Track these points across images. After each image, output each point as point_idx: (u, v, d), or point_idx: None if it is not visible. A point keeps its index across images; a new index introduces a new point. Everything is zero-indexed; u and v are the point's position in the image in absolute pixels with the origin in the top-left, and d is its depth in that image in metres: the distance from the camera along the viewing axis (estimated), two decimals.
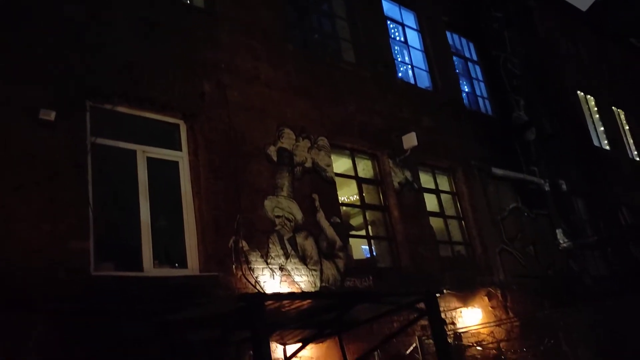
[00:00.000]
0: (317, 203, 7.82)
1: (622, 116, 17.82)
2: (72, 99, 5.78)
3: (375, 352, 6.66)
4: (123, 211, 6.15)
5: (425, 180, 10.11)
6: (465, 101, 12.03)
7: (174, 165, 6.68)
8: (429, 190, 10.05)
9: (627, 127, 17.74)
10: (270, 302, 4.34)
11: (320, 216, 7.80)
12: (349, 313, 5.59)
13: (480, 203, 10.68)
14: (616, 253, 13.34)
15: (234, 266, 6.42)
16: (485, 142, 11.55)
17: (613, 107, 17.38)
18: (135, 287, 5.46)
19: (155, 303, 5.31)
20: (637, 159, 17.40)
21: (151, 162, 6.39)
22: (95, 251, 5.46)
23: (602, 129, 16.22)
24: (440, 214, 10.12)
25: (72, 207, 5.38)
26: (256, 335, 4.10)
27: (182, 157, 6.74)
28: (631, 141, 17.58)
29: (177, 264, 6.33)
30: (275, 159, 7.54)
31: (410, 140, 9.39)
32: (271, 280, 6.75)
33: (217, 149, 6.92)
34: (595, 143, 15.45)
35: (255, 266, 6.65)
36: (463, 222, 10.42)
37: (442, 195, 10.36)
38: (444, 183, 10.57)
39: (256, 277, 6.58)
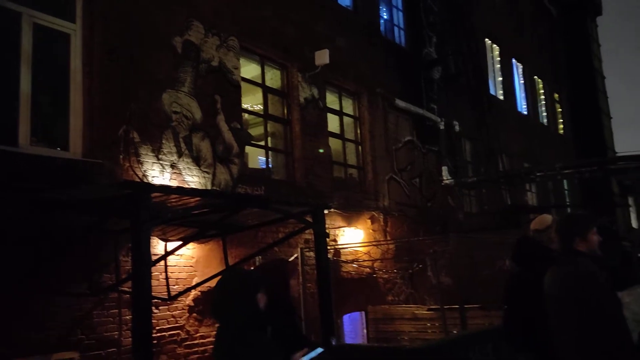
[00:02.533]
0: (218, 105, 7.57)
1: (520, 69, 18.85)
2: None
3: (257, 258, 6.81)
4: (0, 78, 5.52)
5: (331, 100, 10.15)
6: (382, 28, 12.00)
7: (65, 37, 6.04)
8: (333, 111, 10.13)
9: (522, 81, 18.85)
10: (157, 194, 4.21)
11: (221, 119, 7.59)
12: (236, 216, 5.61)
13: (379, 131, 10.99)
14: (489, 195, 14.53)
15: (121, 156, 6.11)
16: (394, 73, 11.72)
17: (514, 60, 18.29)
18: (7, 161, 5.02)
19: (30, 182, 4.95)
20: (524, 112, 18.67)
21: (38, 29, 5.72)
22: None
23: (500, 79, 17.08)
24: (340, 135, 10.30)
25: None
26: (138, 225, 3.97)
27: (75, 31, 6.10)
28: (522, 95, 18.76)
29: (58, 147, 5.90)
30: (179, 51, 7.10)
31: (322, 57, 9.27)
32: (160, 176, 6.54)
33: (116, 28, 6.35)
34: (492, 91, 16.28)
35: (145, 159, 6.38)
36: (360, 147, 10.70)
37: (345, 118, 10.50)
38: (348, 106, 10.68)
39: (144, 171, 6.33)
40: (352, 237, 9.50)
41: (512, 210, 13.58)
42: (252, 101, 9.17)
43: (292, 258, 7.93)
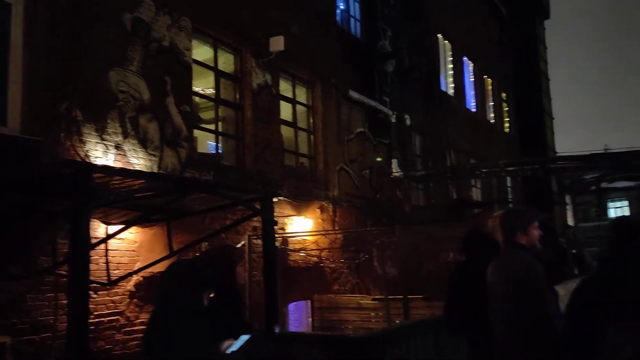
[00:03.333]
0: (168, 87, 7.36)
1: (471, 67, 19.28)
2: None
3: (203, 244, 6.70)
4: None
5: (285, 88, 10.07)
6: (338, 18, 11.98)
7: (6, 7, 5.70)
8: (286, 99, 10.06)
9: (472, 79, 19.29)
10: (99, 174, 4.05)
11: (170, 101, 7.39)
12: (183, 201, 5.48)
13: (332, 121, 11.00)
14: (437, 188, 14.85)
15: (62, 134, 5.85)
16: (348, 64, 11.74)
17: (465, 57, 18.68)
18: None
19: None
20: (473, 110, 19.15)
21: None
22: None
23: (451, 74, 17.42)
24: (293, 124, 10.24)
25: None
26: (78, 207, 3.81)
27: (16, 0, 5.77)
28: (472, 93, 19.21)
29: None
30: (129, 28, 6.85)
31: (277, 43, 9.17)
32: (104, 157, 6.31)
33: (61, 0, 6.05)
34: (443, 87, 16.59)
35: (88, 139, 6.14)
36: (312, 136, 10.68)
37: (298, 107, 10.45)
38: (301, 95, 10.63)
39: (87, 151, 6.09)
40: (301, 226, 9.50)
41: (458, 205, 13.93)
42: (203, 84, 8.97)
43: (239, 245, 7.85)
